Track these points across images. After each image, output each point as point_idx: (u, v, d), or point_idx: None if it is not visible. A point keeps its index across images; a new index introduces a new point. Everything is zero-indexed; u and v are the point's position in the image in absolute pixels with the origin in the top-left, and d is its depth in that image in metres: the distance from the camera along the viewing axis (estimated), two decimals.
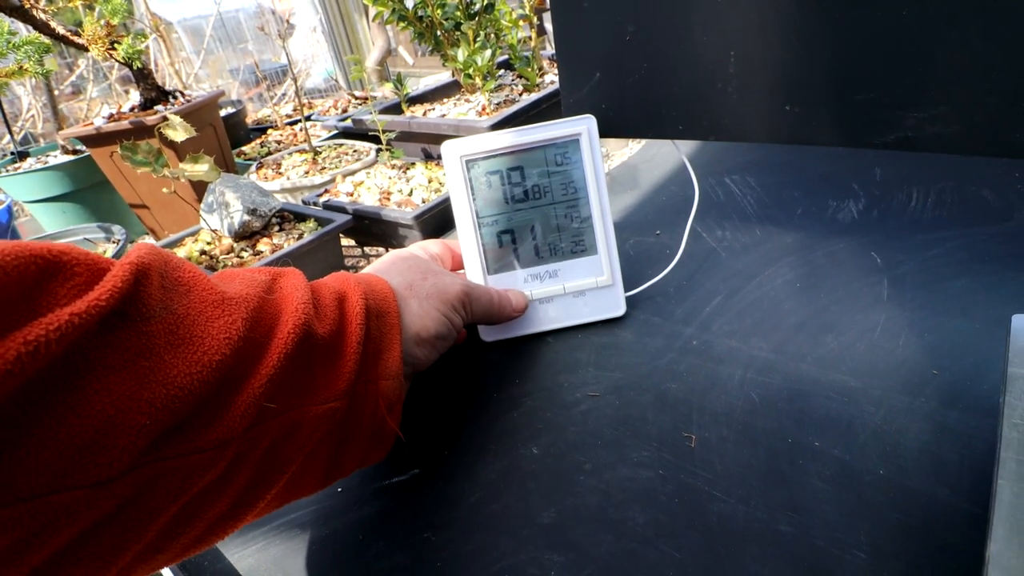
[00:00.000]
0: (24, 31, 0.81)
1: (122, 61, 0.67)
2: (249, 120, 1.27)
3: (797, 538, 0.24)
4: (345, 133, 1.03)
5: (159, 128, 0.53)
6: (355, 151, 0.91)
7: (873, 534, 0.23)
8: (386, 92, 1.05)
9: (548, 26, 1.10)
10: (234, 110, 1.24)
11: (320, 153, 0.90)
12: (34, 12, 0.56)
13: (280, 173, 0.86)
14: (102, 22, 0.57)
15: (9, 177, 0.88)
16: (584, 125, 0.44)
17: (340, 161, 0.87)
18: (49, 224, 0.92)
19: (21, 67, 0.53)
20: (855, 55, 0.31)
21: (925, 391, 0.30)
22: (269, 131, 1.13)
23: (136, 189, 0.82)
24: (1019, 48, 0.26)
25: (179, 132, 0.53)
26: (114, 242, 0.54)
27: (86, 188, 0.92)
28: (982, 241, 0.43)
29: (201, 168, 0.53)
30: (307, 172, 0.84)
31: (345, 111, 1.21)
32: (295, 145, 1.04)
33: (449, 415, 0.37)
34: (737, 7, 0.34)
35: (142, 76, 0.79)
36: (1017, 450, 0.18)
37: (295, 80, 1.04)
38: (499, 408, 0.37)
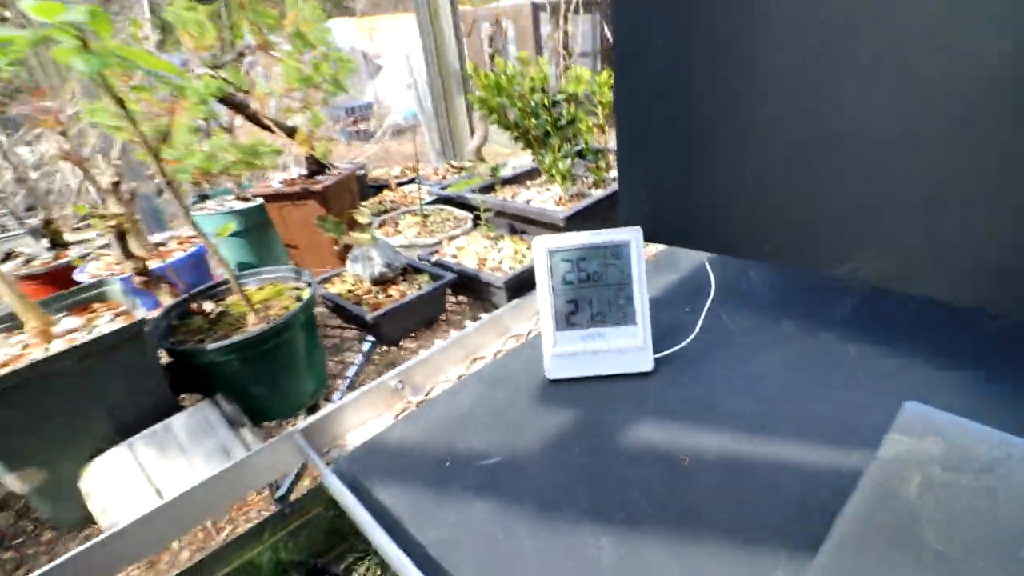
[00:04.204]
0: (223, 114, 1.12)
1: (317, 156, 0.94)
2: (368, 179, 1.56)
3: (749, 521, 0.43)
4: (443, 199, 1.28)
5: (353, 214, 0.78)
6: (455, 218, 1.15)
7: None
8: (481, 170, 1.30)
9: None
10: (360, 171, 1.53)
11: (428, 216, 1.16)
12: (261, 118, 0.84)
13: (398, 231, 1.11)
14: (307, 129, 0.85)
15: (198, 215, 1.18)
16: (634, 235, 0.66)
17: (444, 225, 1.12)
18: (225, 255, 1.21)
19: (253, 162, 0.79)
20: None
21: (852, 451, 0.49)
22: (385, 191, 1.40)
23: (291, 234, 1.10)
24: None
25: (364, 216, 0.78)
26: (305, 283, 0.77)
27: (253, 228, 1.21)
28: (950, 341, 0.62)
29: (365, 236, 0.77)
30: (418, 233, 1.09)
31: (444, 178, 1.48)
32: (405, 205, 1.31)
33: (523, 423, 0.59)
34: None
35: (312, 158, 1.06)
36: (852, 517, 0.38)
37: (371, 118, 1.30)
38: (559, 419, 0.58)
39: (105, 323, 0.64)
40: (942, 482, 0.45)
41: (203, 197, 1.30)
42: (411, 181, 1.47)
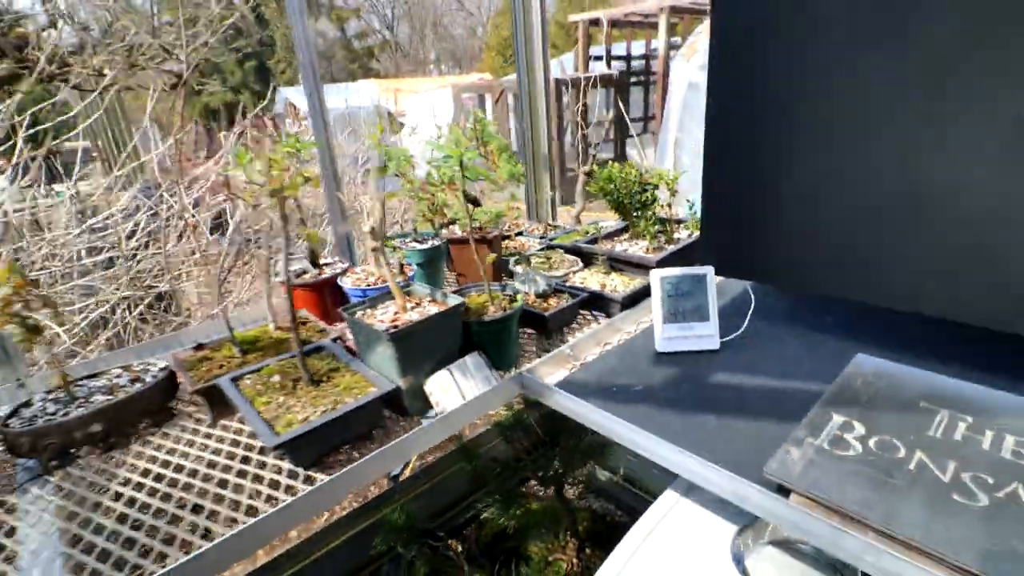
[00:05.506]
0: None
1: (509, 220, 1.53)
2: None
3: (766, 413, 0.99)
4: (548, 247, 1.85)
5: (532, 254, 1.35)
6: (568, 260, 1.72)
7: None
8: (579, 228, 1.89)
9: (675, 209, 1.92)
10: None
11: (551, 258, 1.73)
12: (475, 197, 1.44)
13: (531, 266, 1.68)
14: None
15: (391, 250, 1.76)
16: (709, 270, 1.22)
17: (563, 264, 1.69)
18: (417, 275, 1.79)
19: (495, 221, 1.36)
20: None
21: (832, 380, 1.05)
22: (507, 240, 1.98)
23: (463, 266, 1.66)
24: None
25: (541, 257, 1.35)
26: (513, 293, 1.31)
27: (427, 262, 1.77)
28: (900, 332, 1.18)
29: (537, 271, 1.33)
30: (547, 268, 1.66)
31: (545, 234, 2.07)
32: (521, 251, 1.88)
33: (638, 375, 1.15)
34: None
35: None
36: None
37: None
38: (668, 371, 1.14)
39: (427, 304, 1.20)
40: (871, 382, 1.00)
41: (388, 238, 1.88)
42: (519, 234, 2.05)
